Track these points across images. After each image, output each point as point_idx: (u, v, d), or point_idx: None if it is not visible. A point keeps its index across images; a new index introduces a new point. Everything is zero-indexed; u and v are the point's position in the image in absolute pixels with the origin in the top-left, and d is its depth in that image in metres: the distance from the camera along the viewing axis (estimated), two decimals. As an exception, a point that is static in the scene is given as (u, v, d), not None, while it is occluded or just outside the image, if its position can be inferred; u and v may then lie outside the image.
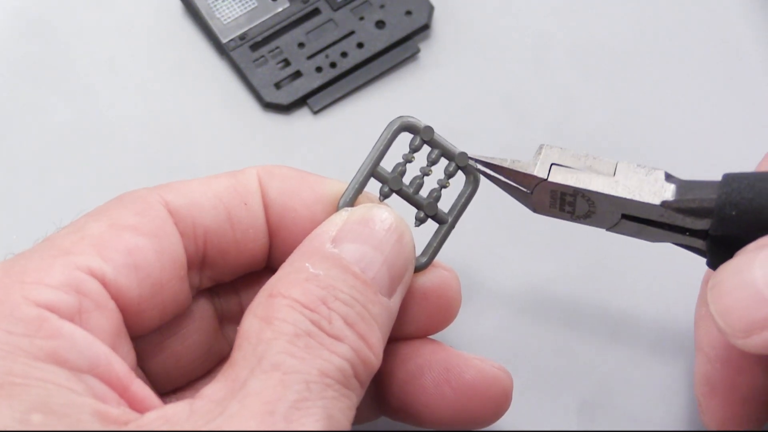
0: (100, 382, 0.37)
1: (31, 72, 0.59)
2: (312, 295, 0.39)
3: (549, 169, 0.43)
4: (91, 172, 0.57)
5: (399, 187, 0.44)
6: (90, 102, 0.58)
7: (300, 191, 0.43)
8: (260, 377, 0.37)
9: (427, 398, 0.44)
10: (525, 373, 0.50)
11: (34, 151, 0.57)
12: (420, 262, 0.44)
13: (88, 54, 0.60)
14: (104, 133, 0.58)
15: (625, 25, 0.60)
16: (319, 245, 0.41)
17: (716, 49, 0.60)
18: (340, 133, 0.58)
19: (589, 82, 0.59)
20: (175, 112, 0.58)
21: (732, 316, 0.38)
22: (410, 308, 0.44)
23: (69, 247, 0.39)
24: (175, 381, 0.44)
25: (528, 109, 0.58)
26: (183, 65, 0.59)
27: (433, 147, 0.44)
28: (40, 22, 0.60)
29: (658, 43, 0.60)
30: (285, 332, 0.38)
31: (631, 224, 0.43)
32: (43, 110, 0.58)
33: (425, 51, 0.59)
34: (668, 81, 0.59)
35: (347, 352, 0.39)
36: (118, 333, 0.39)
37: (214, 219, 0.42)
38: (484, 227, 0.45)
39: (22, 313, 0.37)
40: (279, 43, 0.59)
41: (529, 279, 0.54)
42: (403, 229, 0.42)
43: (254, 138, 0.58)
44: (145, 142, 0.57)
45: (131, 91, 0.59)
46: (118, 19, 0.60)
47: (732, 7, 0.60)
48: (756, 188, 0.39)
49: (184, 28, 0.60)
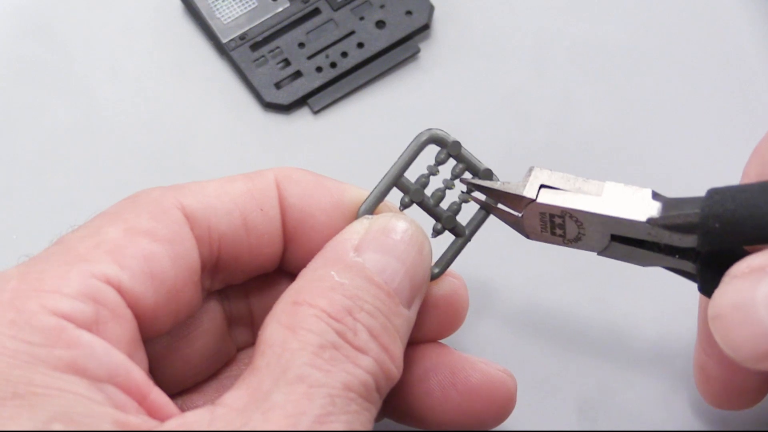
0: (120, 391, 0.37)
1: (31, 72, 0.59)
2: (338, 305, 0.39)
3: (538, 190, 0.43)
4: (91, 172, 0.57)
5: (420, 199, 0.44)
6: (90, 102, 0.58)
7: (318, 197, 0.43)
8: (284, 389, 0.37)
9: (432, 401, 0.44)
10: (525, 373, 0.50)
11: (34, 151, 0.57)
12: (433, 272, 0.44)
13: (88, 54, 0.59)
14: (104, 133, 0.58)
15: (625, 26, 0.60)
16: (342, 253, 0.41)
17: (716, 48, 0.60)
18: (340, 133, 0.58)
19: (589, 82, 0.59)
20: (175, 112, 0.58)
21: (742, 351, 0.38)
22: (421, 315, 0.43)
23: (85, 254, 0.39)
24: (182, 383, 0.44)
25: (528, 109, 0.58)
26: (183, 65, 0.59)
27: (458, 161, 0.44)
28: (40, 22, 0.60)
29: (658, 43, 0.60)
30: (311, 342, 0.38)
31: (621, 247, 0.43)
32: (43, 110, 0.58)
33: (425, 51, 0.59)
34: (668, 81, 0.59)
35: (371, 365, 0.38)
36: (134, 340, 0.39)
37: (229, 224, 0.42)
38: (486, 231, 0.45)
39: (40, 322, 0.37)
40: (279, 43, 0.59)
41: (531, 281, 0.54)
42: (423, 239, 0.42)
43: (254, 138, 0.58)
44: (145, 142, 0.57)
45: (131, 91, 0.59)
46: (118, 19, 0.60)
47: (732, 7, 0.60)
48: (738, 199, 0.39)
49: (184, 28, 0.60)
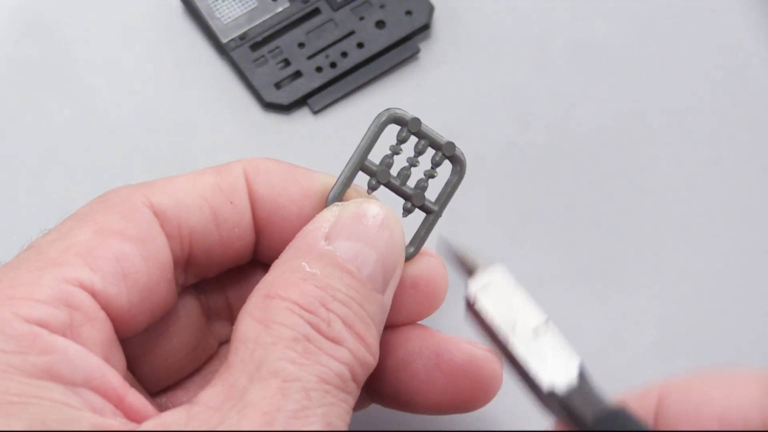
0: (96, 395, 0.37)
1: (31, 72, 0.59)
2: (310, 296, 0.39)
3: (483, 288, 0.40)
4: (90, 171, 0.57)
5: (387, 180, 0.44)
6: (90, 102, 0.58)
7: (288, 186, 0.43)
8: (259, 385, 0.37)
9: (419, 384, 0.44)
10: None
11: (34, 151, 0.57)
12: (408, 252, 0.44)
13: (88, 54, 0.60)
14: (104, 133, 0.58)
15: (625, 26, 0.60)
16: (312, 243, 0.40)
17: (716, 48, 0.60)
18: (340, 133, 0.58)
19: (589, 82, 0.59)
20: (175, 112, 0.58)
21: None
22: (399, 296, 0.43)
23: (56, 258, 0.39)
24: (165, 380, 0.44)
25: (528, 109, 0.58)
26: (183, 65, 0.59)
27: (420, 138, 0.44)
28: (40, 22, 0.60)
29: (658, 43, 0.60)
30: (284, 336, 0.38)
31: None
32: (43, 110, 0.58)
33: (425, 51, 0.59)
34: (668, 81, 0.59)
35: (346, 355, 0.38)
36: (110, 342, 0.39)
37: (199, 219, 0.42)
38: (483, 227, 0.45)
39: (13, 329, 0.36)
40: (279, 43, 0.59)
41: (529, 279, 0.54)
42: (394, 223, 0.42)
43: (254, 138, 0.58)
44: (145, 142, 0.57)
45: (131, 91, 0.59)
46: (118, 19, 0.60)
47: (733, 7, 0.60)
48: None
49: (184, 28, 0.60)
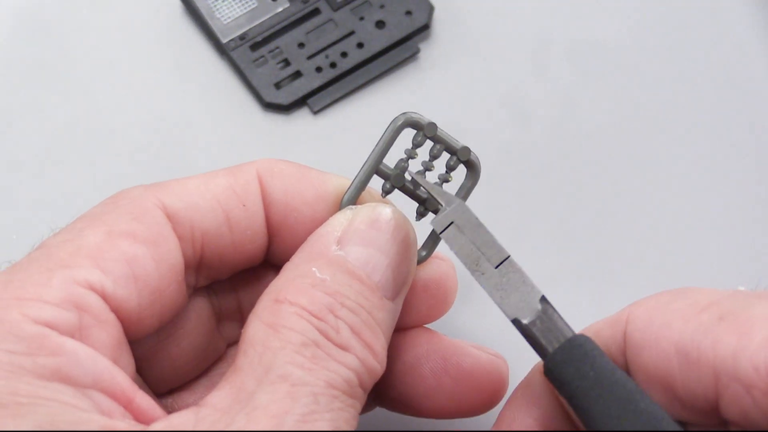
0: (105, 397, 0.37)
1: (31, 72, 0.59)
2: (319, 302, 0.39)
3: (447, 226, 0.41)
4: (91, 172, 0.57)
5: (402, 184, 0.44)
6: (90, 102, 0.58)
7: (302, 189, 0.43)
8: (267, 389, 0.37)
9: (425, 388, 0.44)
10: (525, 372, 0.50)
11: (34, 151, 0.57)
12: (420, 256, 0.44)
13: (88, 54, 0.59)
14: (104, 133, 0.58)
15: (625, 26, 0.60)
16: (324, 247, 0.40)
17: (716, 48, 0.60)
18: (340, 133, 0.58)
19: (589, 82, 0.59)
20: (175, 112, 0.58)
21: None
22: (409, 299, 0.43)
23: (66, 259, 0.38)
24: (172, 382, 0.44)
25: (527, 109, 0.58)
26: (183, 65, 0.59)
27: (436, 142, 0.44)
28: (40, 22, 0.60)
29: (658, 43, 0.60)
30: (292, 341, 0.38)
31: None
32: (43, 110, 0.58)
33: (425, 51, 0.59)
34: (668, 81, 0.59)
35: (353, 361, 0.38)
36: (119, 345, 0.39)
37: (212, 222, 0.42)
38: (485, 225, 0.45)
39: (23, 331, 0.36)
40: (279, 43, 0.59)
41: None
42: (407, 229, 0.42)
43: (254, 138, 0.58)
44: (145, 142, 0.57)
45: (131, 91, 0.59)
46: (118, 19, 0.60)
47: (733, 7, 0.60)
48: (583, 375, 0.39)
49: (184, 28, 0.60)
